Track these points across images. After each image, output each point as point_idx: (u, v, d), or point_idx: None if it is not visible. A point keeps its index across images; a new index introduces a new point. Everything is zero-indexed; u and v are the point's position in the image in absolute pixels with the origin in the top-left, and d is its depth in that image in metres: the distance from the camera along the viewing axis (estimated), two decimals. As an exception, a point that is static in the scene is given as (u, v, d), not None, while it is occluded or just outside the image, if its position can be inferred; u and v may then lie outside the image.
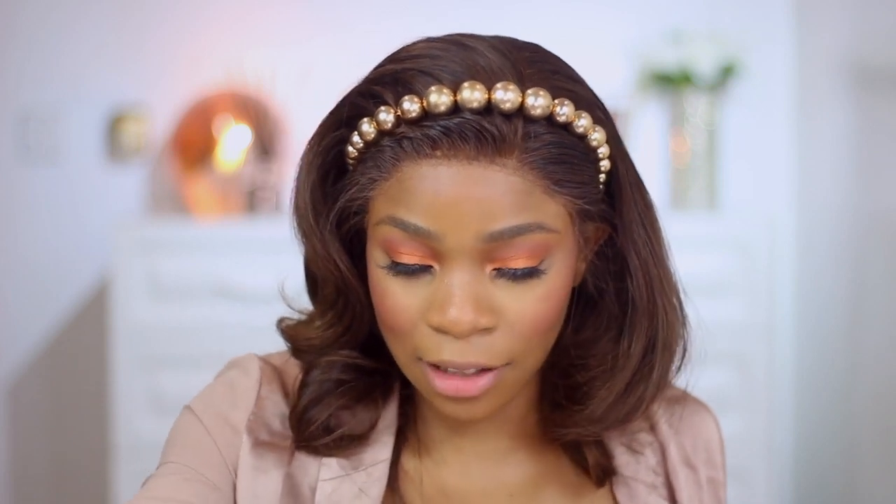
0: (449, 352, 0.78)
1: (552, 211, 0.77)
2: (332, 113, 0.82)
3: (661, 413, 0.94)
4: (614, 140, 0.82)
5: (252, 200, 2.56)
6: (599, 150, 0.80)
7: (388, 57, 0.81)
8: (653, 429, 0.94)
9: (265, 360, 0.91)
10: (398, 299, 0.79)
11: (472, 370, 0.79)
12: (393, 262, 0.79)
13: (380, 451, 0.87)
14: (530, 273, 0.78)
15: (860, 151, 2.57)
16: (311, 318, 0.89)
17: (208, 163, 2.62)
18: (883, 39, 2.49)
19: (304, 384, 0.88)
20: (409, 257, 0.78)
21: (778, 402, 2.63)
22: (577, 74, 0.82)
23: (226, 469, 0.85)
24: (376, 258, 0.80)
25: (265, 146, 2.60)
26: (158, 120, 2.72)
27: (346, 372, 0.88)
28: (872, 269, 2.51)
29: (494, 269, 0.78)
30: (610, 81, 2.71)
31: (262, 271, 2.29)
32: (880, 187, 2.50)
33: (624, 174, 0.83)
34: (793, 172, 2.80)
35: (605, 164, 0.81)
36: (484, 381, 0.80)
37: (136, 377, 2.34)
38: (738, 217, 2.67)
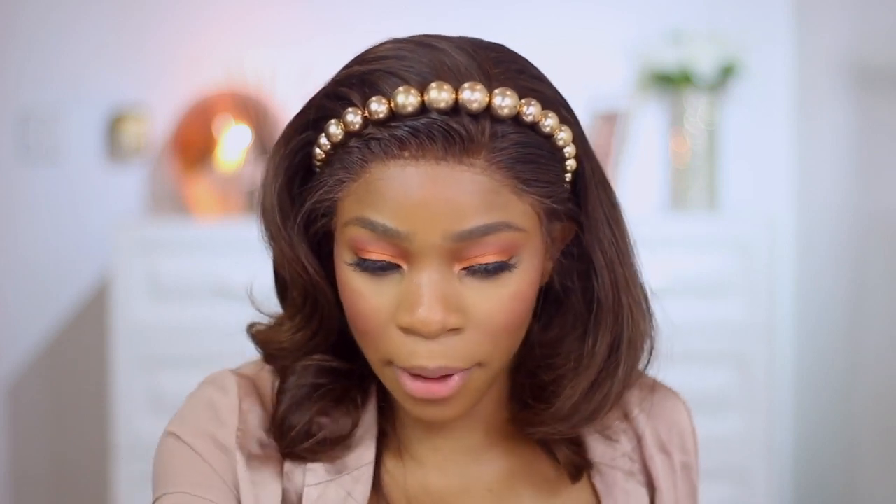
0: (419, 356, 0.78)
1: (520, 210, 0.78)
2: (298, 115, 0.83)
3: (633, 401, 0.95)
4: (580, 139, 0.82)
5: (252, 200, 2.56)
6: (566, 150, 0.81)
7: (355, 59, 0.81)
8: (626, 416, 0.94)
9: (240, 374, 0.91)
10: (367, 300, 0.79)
11: (440, 374, 0.79)
12: (360, 258, 0.79)
13: (363, 453, 0.87)
14: (500, 267, 0.78)
15: (860, 151, 2.57)
16: (280, 321, 0.89)
17: (208, 163, 2.62)
18: (883, 39, 2.49)
19: (281, 391, 0.88)
20: (378, 255, 0.78)
21: (778, 402, 2.63)
22: (542, 74, 0.82)
23: (226, 488, 0.85)
24: (344, 257, 0.80)
25: (265, 146, 2.60)
26: (158, 120, 2.72)
27: (321, 376, 0.88)
28: (872, 269, 2.51)
29: (463, 269, 0.78)
30: (610, 81, 2.71)
31: (262, 271, 2.29)
32: (880, 187, 2.50)
33: (590, 173, 0.83)
34: (793, 172, 2.80)
35: (570, 164, 0.82)
36: (453, 382, 0.80)
37: (136, 377, 2.34)
38: (738, 217, 2.67)
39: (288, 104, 2.64)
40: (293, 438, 0.86)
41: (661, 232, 2.48)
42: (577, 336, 0.86)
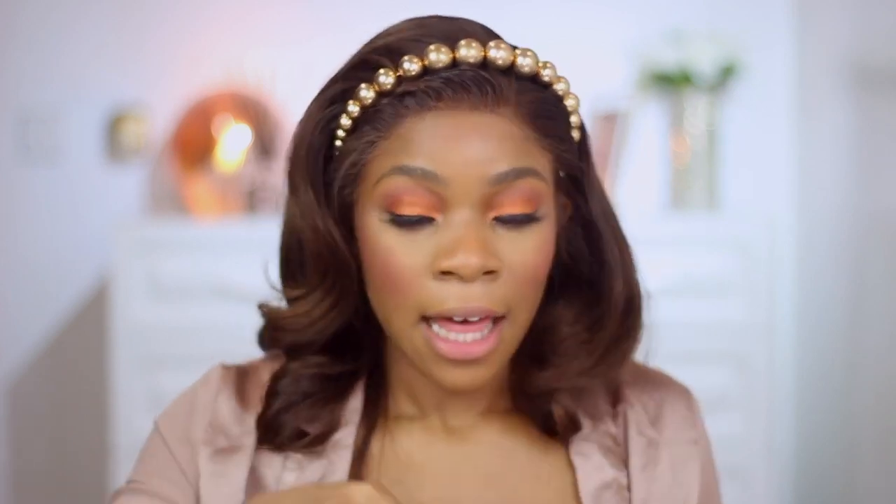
0: (454, 299, 0.81)
1: (542, 163, 0.84)
2: (321, 92, 0.86)
3: (626, 385, 0.96)
4: (580, 115, 0.89)
5: (252, 200, 2.56)
6: (572, 117, 0.87)
7: (374, 37, 0.87)
8: (616, 399, 0.95)
9: (227, 367, 0.94)
10: (400, 255, 0.82)
11: (476, 318, 0.82)
12: (394, 214, 0.82)
13: (343, 438, 0.89)
14: (528, 219, 0.83)
15: (860, 151, 2.57)
16: (293, 299, 0.91)
17: (208, 163, 2.62)
18: (883, 39, 2.49)
19: (273, 392, 0.90)
20: (413, 207, 0.82)
21: (778, 402, 2.63)
22: None
23: (185, 481, 0.89)
24: (376, 217, 0.83)
25: (265, 146, 2.60)
26: (158, 120, 2.72)
27: (314, 383, 0.91)
28: (872, 270, 2.51)
29: (494, 218, 0.83)
30: (610, 81, 2.71)
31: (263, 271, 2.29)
32: (880, 187, 2.50)
33: (590, 144, 0.90)
34: (793, 172, 2.80)
35: (575, 134, 0.87)
36: (488, 343, 0.83)
37: (135, 377, 2.34)
38: (738, 217, 2.67)
39: (288, 104, 2.64)
40: (280, 439, 0.89)
41: (661, 232, 2.48)
42: (592, 299, 0.90)
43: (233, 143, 2.61)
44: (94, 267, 2.71)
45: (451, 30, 0.84)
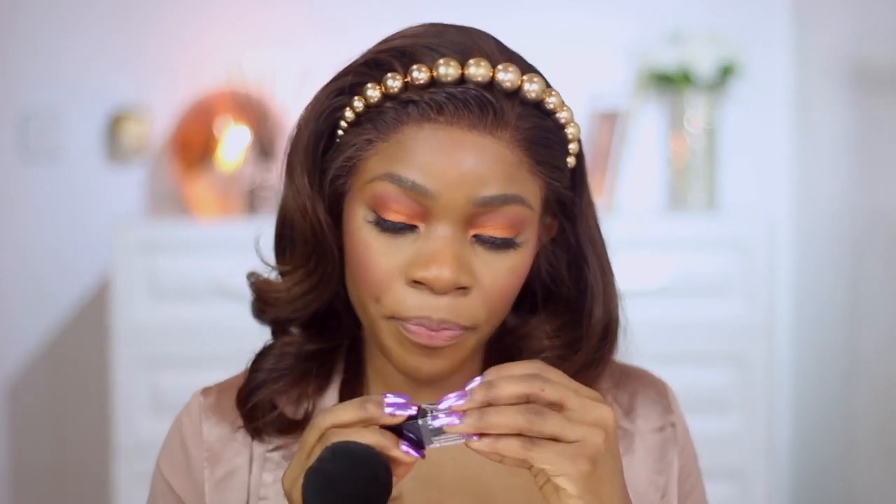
0: (423, 308, 0.83)
1: (531, 190, 0.85)
2: (332, 81, 0.88)
3: (601, 381, 0.97)
4: (580, 142, 0.89)
5: (252, 200, 2.56)
6: (570, 146, 0.88)
7: (391, 35, 0.88)
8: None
9: (207, 392, 0.97)
10: (379, 255, 0.84)
11: (443, 328, 0.84)
12: (380, 217, 0.84)
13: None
14: (507, 244, 0.84)
15: (859, 152, 2.58)
16: (280, 273, 0.94)
17: (208, 163, 2.62)
18: (883, 39, 2.49)
19: (255, 370, 0.94)
20: (397, 215, 0.83)
21: (777, 401, 2.64)
22: None
23: None
24: (363, 215, 0.85)
25: (265, 146, 2.60)
26: (159, 120, 2.72)
27: (291, 360, 0.94)
28: (871, 270, 2.52)
29: (474, 236, 0.84)
30: (610, 81, 2.71)
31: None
32: (879, 187, 2.50)
33: (585, 171, 0.91)
34: (792, 172, 2.80)
35: (571, 161, 0.88)
36: (451, 333, 0.84)
37: (136, 377, 2.34)
38: (737, 217, 2.67)
39: (288, 104, 2.64)
40: (253, 411, 0.92)
41: (660, 232, 2.48)
42: (573, 320, 0.92)
43: (233, 143, 2.61)
44: (95, 267, 2.71)
45: (466, 44, 0.85)
